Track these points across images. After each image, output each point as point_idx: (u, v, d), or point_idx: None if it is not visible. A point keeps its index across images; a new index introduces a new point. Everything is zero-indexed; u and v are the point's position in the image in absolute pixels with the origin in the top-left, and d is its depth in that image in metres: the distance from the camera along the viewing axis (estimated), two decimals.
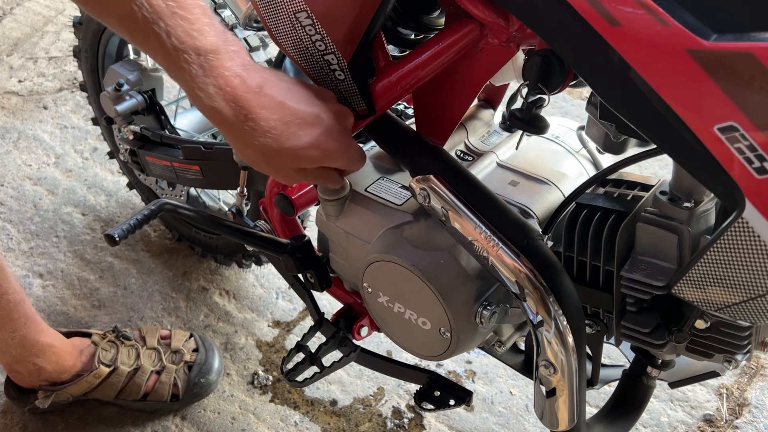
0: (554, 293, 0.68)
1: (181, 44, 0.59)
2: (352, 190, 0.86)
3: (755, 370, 1.37)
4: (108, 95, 1.28)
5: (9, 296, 1.14)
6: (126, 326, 1.47)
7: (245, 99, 0.63)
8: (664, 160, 1.65)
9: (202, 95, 0.62)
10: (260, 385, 1.38)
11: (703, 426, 1.29)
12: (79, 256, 1.63)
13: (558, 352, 0.69)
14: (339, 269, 0.95)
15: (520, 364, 0.98)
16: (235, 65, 0.62)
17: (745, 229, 0.52)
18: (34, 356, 1.22)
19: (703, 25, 0.48)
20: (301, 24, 0.70)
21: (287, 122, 0.65)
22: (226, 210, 1.51)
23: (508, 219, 0.71)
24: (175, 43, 0.59)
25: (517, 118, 0.75)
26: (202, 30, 0.60)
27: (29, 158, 1.87)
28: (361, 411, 1.33)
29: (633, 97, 0.52)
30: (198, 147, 1.19)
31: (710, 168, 0.51)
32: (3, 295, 1.13)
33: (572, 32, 0.54)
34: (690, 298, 0.62)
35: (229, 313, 1.51)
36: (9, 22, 2.35)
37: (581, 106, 1.96)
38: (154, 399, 1.30)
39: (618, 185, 0.78)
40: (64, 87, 2.09)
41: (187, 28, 0.59)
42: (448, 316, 0.77)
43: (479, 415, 1.32)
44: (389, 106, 0.76)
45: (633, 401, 0.85)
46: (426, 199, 0.73)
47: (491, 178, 0.86)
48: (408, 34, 0.80)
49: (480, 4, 0.65)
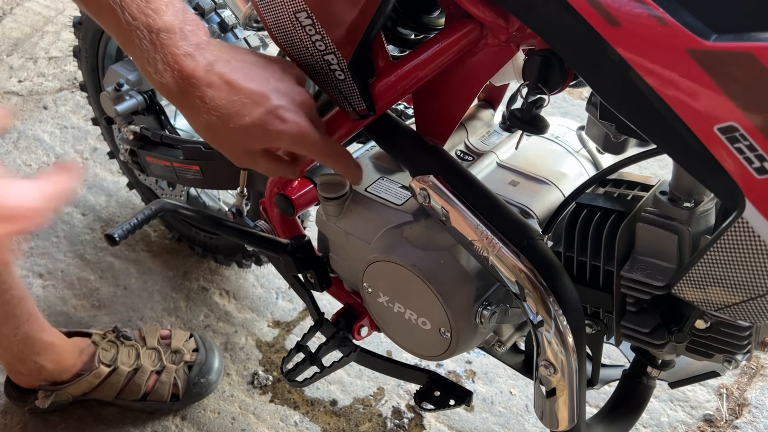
0: (554, 293, 0.68)
1: (134, 20, 0.61)
2: (352, 190, 0.86)
3: (755, 370, 1.37)
4: (108, 95, 1.28)
5: (13, 292, 1.14)
6: (126, 326, 1.47)
7: (193, 77, 0.64)
8: (664, 160, 1.65)
9: (151, 70, 0.63)
10: (260, 385, 1.38)
11: (703, 426, 1.29)
12: (79, 256, 1.63)
13: (558, 352, 0.69)
14: (339, 269, 0.95)
15: (520, 364, 0.99)
16: (187, 44, 0.64)
17: (745, 229, 0.52)
18: (35, 354, 1.22)
19: (703, 25, 0.48)
20: (301, 24, 0.70)
21: (232, 101, 0.66)
22: (226, 210, 1.51)
23: (508, 219, 0.71)
24: (128, 19, 0.61)
25: (517, 118, 0.75)
26: (158, 9, 0.62)
27: (29, 158, 1.87)
28: (361, 411, 1.33)
29: (633, 97, 0.52)
30: (198, 147, 1.19)
31: (710, 168, 0.51)
32: (7, 291, 1.13)
33: (572, 32, 0.54)
34: (690, 298, 0.62)
35: (229, 313, 1.51)
36: (9, 22, 2.35)
37: (581, 106, 1.96)
38: (154, 399, 1.30)
39: (618, 185, 0.78)
40: (64, 87, 2.09)
41: (141, 5, 0.61)
42: (448, 316, 0.77)
43: (479, 415, 1.32)
44: (389, 106, 0.76)
45: (633, 401, 0.85)
46: (426, 199, 0.73)
47: (491, 178, 0.86)
48: (408, 34, 0.80)
49: (480, 4, 0.65)
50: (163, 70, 0.63)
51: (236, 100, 0.66)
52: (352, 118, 0.77)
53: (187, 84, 0.64)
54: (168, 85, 0.64)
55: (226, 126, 0.66)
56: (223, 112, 0.66)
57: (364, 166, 0.90)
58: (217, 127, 0.67)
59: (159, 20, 0.62)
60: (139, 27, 0.61)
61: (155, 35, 0.62)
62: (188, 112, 0.67)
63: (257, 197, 1.21)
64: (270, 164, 0.73)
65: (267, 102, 0.67)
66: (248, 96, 0.66)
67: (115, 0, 0.60)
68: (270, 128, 0.68)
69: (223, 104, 0.65)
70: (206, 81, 0.65)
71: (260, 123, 0.67)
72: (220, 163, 1.17)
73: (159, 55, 0.63)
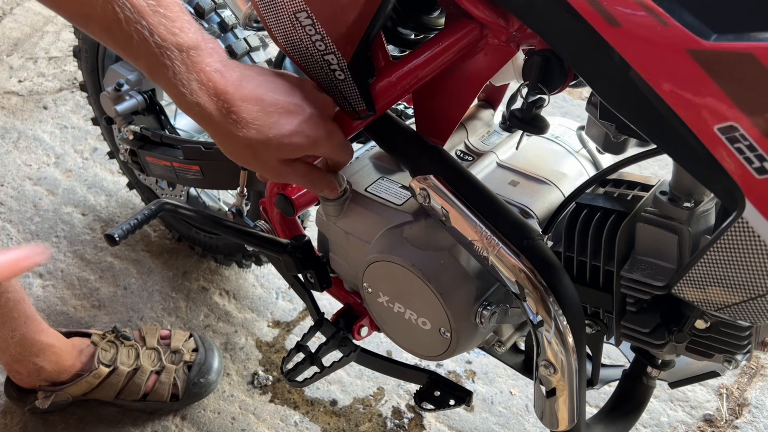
0: (554, 293, 0.68)
1: (163, 42, 0.60)
2: (353, 190, 0.86)
3: (755, 370, 1.37)
4: (108, 95, 1.28)
5: (9, 294, 1.14)
6: (126, 326, 1.47)
7: (227, 93, 0.64)
8: (664, 160, 1.65)
9: (185, 92, 0.63)
10: (260, 385, 1.38)
11: (703, 426, 1.29)
12: (79, 256, 1.63)
13: (558, 352, 0.69)
14: (339, 269, 0.95)
15: (520, 364, 0.98)
16: (214, 61, 0.64)
17: (745, 229, 0.52)
18: (33, 356, 1.22)
19: (703, 25, 0.48)
20: (301, 24, 0.70)
21: (269, 112, 0.66)
22: (226, 210, 1.51)
23: (508, 219, 0.71)
24: (158, 41, 0.60)
25: (517, 118, 0.74)
26: (183, 27, 0.61)
27: (29, 158, 1.87)
28: (361, 411, 1.33)
29: (633, 97, 0.52)
30: (198, 147, 1.19)
31: (710, 168, 0.51)
32: (3, 294, 1.13)
33: (572, 32, 0.54)
34: (690, 298, 0.62)
35: (229, 313, 1.51)
36: (9, 22, 2.35)
37: (581, 106, 1.96)
38: (154, 399, 1.30)
39: (618, 185, 0.78)
40: (64, 87, 2.09)
41: (168, 25, 0.60)
42: (448, 316, 0.77)
43: (479, 415, 1.32)
44: (389, 106, 0.76)
45: (633, 401, 0.85)
46: (426, 199, 0.73)
47: (491, 178, 0.86)
48: (408, 34, 0.80)
49: (480, 4, 0.65)
50: (198, 89, 0.63)
51: (272, 111, 0.66)
52: (352, 118, 0.77)
53: (223, 101, 0.64)
54: (204, 105, 0.63)
55: (266, 138, 0.66)
56: (262, 123, 0.65)
57: (364, 166, 0.91)
58: (256, 139, 0.66)
59: (186, 38, 0.61)
60: (169, 47, 0.60)
61: (185, 54, 0.61)
62: (225, 130, 0.66)
63: (257, 197, 1.21)
64: (309, 173, 0.74)
65: (302, 110, 0.68)
66: (283, 107, 0.67)
67: (143, 25, 0.59)
68: (310, 134, 0.68)
69: (261, 116, 0.65)
70: (239, 96, 0.64)
71: (300, 130, 0.68)
72: (220, 163, 1.17)
73: (193, 75, 0.62)
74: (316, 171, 0.76)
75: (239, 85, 0.65)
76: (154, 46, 0.60)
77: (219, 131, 0.66)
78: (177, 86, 0.62)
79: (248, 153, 0.68)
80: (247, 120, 0.65)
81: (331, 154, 0.74)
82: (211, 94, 0.63)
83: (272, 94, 0.67)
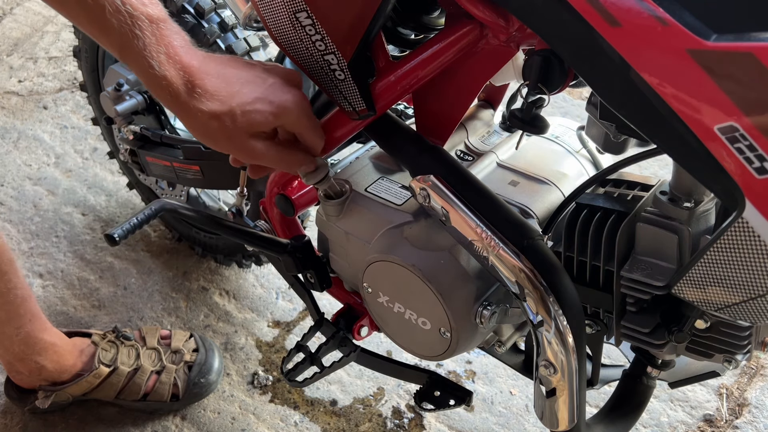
0: (554, 293, 0.68)
1: (135, 11, 0.62)
2: (353, 190, 0.86)
3: (755, 370, 1.37)
4: (108, 95, 1.28)
5: (17, 291, 1.14)
6: (126, 326, 1.47)
7: (191, 66, 0.66)
8: (664, 160, 1.65)
9: (154, 64, 0.64)
10: (260, 385, 1.38)
11: (703, 426, 1.29)
12: (79, 256, 1.63)
13: (558, 352, 0.69)
14: (339, 269, 0.95)
15: (520, 364, 0.98)
16: (181, 38, 0.67)
17: (745, 229, 0.52)
18: (36, 354, 1.22)
19: (703, 25, 0.48)
20: (301, 24, 0.70)
21: (230, 82, 0.68)
22: (226, 210, 1.51)
23: (508, 219, 0.71)
24: (130, 10, 0.62)
25: (517, 118, 0.74)
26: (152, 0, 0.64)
27: (29, 158, 1.87)
28: (361, 411, 1.33)
29: (633, 97, 0.52)
30: (198, 147, 1.19)
31: (710, 168, 0.51)
32: (12, 290, 1.13)
33: (572, 32, 0.54)
34: (690, 298, 0.62)
35: (229, 313, 1.51)
36: (9, 22, 2.35)
37: (581, 106, 1.96)
38: (154, 399, 1.30)
39: (618, 185, 0.78)
40: (64, 87, 2.09)
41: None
42: (448, 316, 0.77)
43: (479, 415, 1.32)
44: (389, 106, 0.76)
45: (633, 401, 0.85)
46: (426, 199, 0.73)
47: (491, 178, 0.86)
48: (408, 34, 0.80)
49: (480, 4, 0.65)
50: (165, 62, 0.64)
51: (234, 81, 0.68)
52: (352, 118, 0.77)
53: (188, 74, 0.65)
54: (171, 78, 0.65)
55: (230, 107, 0.67)
56: (224, 93, 0.67)
57: (363, 166, 0.91)
58: (221, 112, 0.67)
59: (156, 9, 0.64)
60: (140, 17, 0.63)
61: (156, 26, 0.64)
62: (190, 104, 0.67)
63: (257, 197, 1.21)
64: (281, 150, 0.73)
65: (263, 80, 0.69)
66: (245, 77, 0.68)
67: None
68: (274, 100, 0.69)
69: (223, 86, 0.67)
70: (204, 69, 0.66)
71: (262, 97, 0.68)
72: (220, 163, 1.17)
73: (162, 47, 0.64)
74: (287, 147, 0.75)
75: (203, 61, 0.67)
76: (126, 16, 0.62)
77: (184, 107, 0.67)
78: (147, 58, 0.64)
79: (215, 128, 0.68)
80: (211, 92, 0.66)
81: (299, 125, 0.72)
82: (178, 68, 0.65)
83: (233, 69, 0.69)
